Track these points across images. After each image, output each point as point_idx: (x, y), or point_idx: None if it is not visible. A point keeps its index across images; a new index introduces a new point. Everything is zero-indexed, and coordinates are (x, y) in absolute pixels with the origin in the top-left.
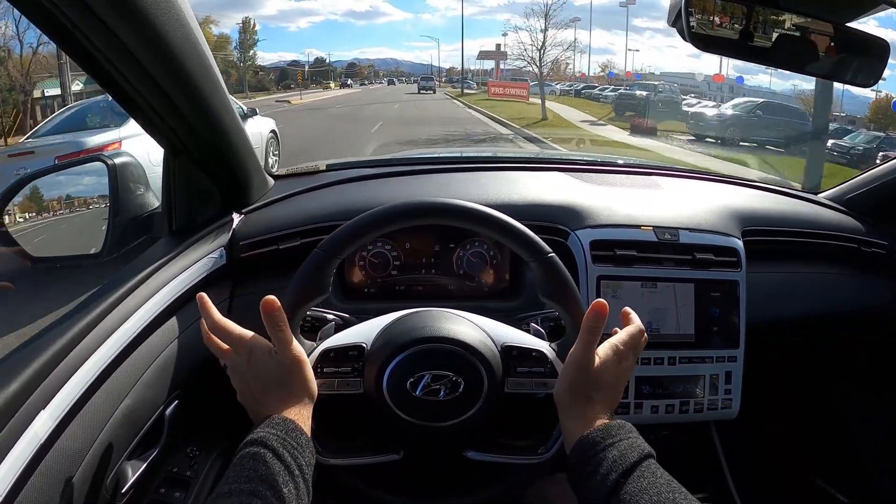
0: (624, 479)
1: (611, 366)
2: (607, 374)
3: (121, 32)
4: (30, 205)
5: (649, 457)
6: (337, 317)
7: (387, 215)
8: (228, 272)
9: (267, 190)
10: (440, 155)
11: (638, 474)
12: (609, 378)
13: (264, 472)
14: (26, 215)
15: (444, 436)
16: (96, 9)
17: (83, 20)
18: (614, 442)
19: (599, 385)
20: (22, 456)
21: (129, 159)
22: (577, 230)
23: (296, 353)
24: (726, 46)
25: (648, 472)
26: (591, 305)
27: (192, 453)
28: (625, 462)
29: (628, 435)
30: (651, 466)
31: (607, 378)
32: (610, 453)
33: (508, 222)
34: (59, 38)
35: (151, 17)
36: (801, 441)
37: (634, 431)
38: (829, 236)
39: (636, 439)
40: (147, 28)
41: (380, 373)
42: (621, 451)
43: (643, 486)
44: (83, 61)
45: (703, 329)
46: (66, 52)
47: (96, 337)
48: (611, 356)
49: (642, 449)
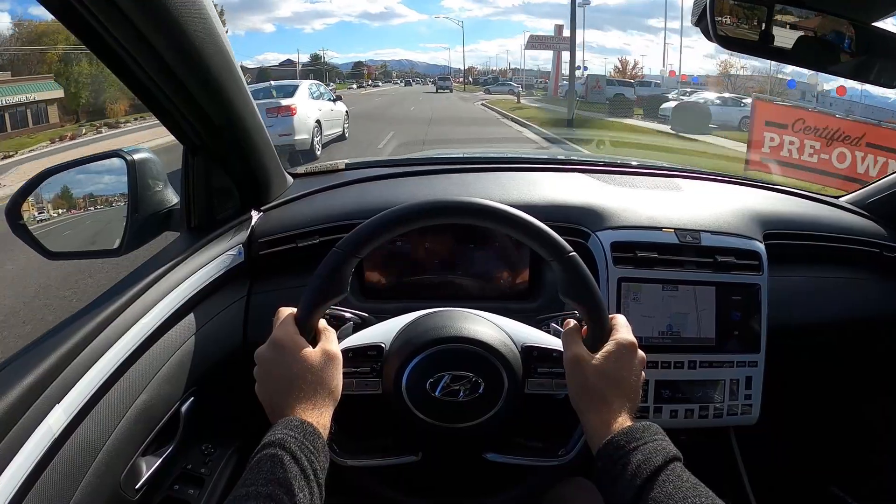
0: (649, 483)
1: (620, 361)
2: (619, 370)
3: (145, 29)
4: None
5: (675, 460)
6: (355, 316)
7: (406, 214)
8: (247, 269)
9: (286, 188)
10: (460, 155)
11: (663, 478)
12: (621, 374)
13: (282, 476)
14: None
15: (463, 437)
16: (121, 4)
17: (107, 16)
18: (639, 445)
19: (613, 383)
20: (36, 449)
21: (148, 155)
22: (597, 231)
23: (332, 348)
24: (749, 45)
25: (674, 475)
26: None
27: (207, 450)
28: (650, 466)
29: (654, 437)
30: (677, 470)
31: (619, 374)
32: (634, 457)
33: (529, 221)
34: (83, 34)
35: (175, 14)
36: (821, 449)
37: (661, 433)
38: (850, 240)
39: (662, 441)
40: (170, 25)
41: (399, 373)
42: (646, 454)
43: (668, 492)
44: (107, 58)
45: (723, 333)
46: (90, 48)
47: (114, 332)
48: (617, 351)
49: (668, 452)
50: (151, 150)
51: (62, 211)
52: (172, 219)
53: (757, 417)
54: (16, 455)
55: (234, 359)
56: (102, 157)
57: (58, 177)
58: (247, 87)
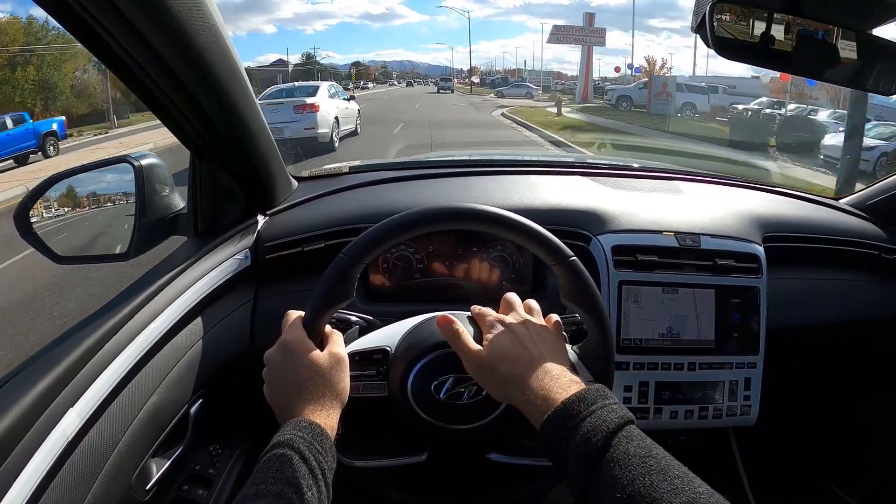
0: (594, 469)
1: (502, 336)
2: (505, 346)
3: (149, 34)
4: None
5: (619, 429)
6: (361, 319)
7: (410, 221)
8: (253, 273)
9: (291, 192)
10: (463, 158)
11: (608, 458)
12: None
13: (290, 475)
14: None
15: (467, 438)
16: (124, 10)
17: (111, 21)
18: (578, 422)
19: (508, 361)
20: (51, 453)
21: (156, 161)
22: (598, 235)
23: (339, 351)
24: (748, 53)
25: (619, 452)
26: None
27: (216, 451)
28: (590, 448)
29: (590, 409)
30: (622, 444)
31: (507, 350)
32: (573, 440)
33: (530, 226)
34: (87, 39)
35: (179, 19)
36: (820, 449)
37: (601, 398)
38: (850, 242)
39: (601, 410)
40: (174, 29)
41: (404, 376)
42: (584, 434)
43: (615, 475)
44: (111, 63)
45: (722, 335)
46: (94, 52)
47: (124, 336)
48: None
49: (609, 423)
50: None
51: (70, 216)
52: (179, 223)
53: (756, 418)
54: (31, 458)
55: (242, 362)
56: (110, 162)
57: (66, 182)
58: (252, 91)
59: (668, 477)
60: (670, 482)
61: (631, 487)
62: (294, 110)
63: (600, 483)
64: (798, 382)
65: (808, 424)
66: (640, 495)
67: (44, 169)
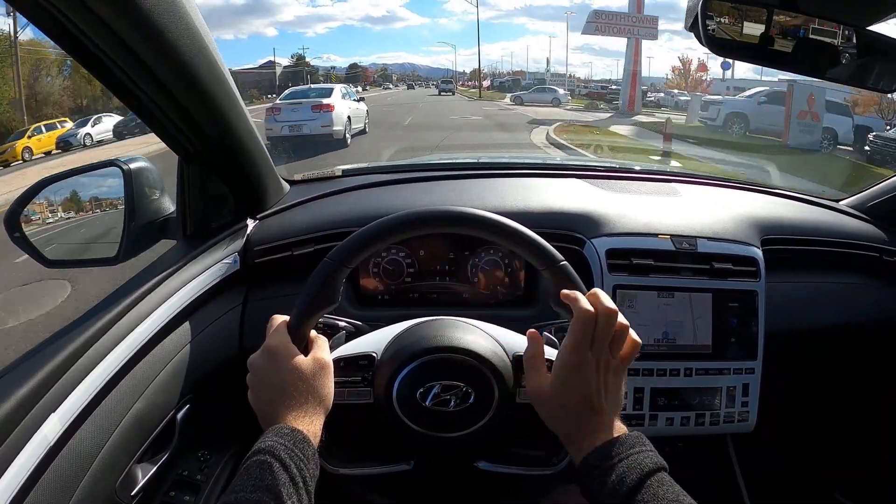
0: (631, 496)
1: (572, 373)
2: (574, 386)
3: (129, 40)
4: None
5: (653, 473)
6: (349, 324)
7: (395, 225)
8: (242, 277)
9: (282, 196)
10: (458, 161)
11: (639, 499)
12: (579, 386)
13: (270, 482)
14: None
15: (454, 446)
16: (104, 16)
17: (91, 27)
18: (614, 463)
19: (570, 401)
20: (31, 458)
21: (145, 164)
22: (593, 238)
23: (324, 357)
24: (745, 51)
25: (649, 494)
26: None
27: (203, 457)
28: (623, 487)
29: (628, 452)
30: (653, 486)
31: (577, 388)
32: (609, 478)
33: (519, 230)
34: (68, 44)
35: (158, 24)
36: (820, 455)
37: (638, 444)
38: (850, 245)
39: (638, 455)
40: (155, 35)
41: (390, 383)
42: (620, 474)
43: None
44: (94, 69)
45: (720, 340)
46: (76, 58)
47: (109, 340)
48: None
49: (643, 467)
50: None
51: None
52: (169, 227)
53: (754, 425)
54: (11, 463)
55: (230, 366)
56: (99, 166)
57: (55, 186)
58: (238, 95)
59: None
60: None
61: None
62: (312, 110)
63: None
64: (798, 387)
65: (808, 430)
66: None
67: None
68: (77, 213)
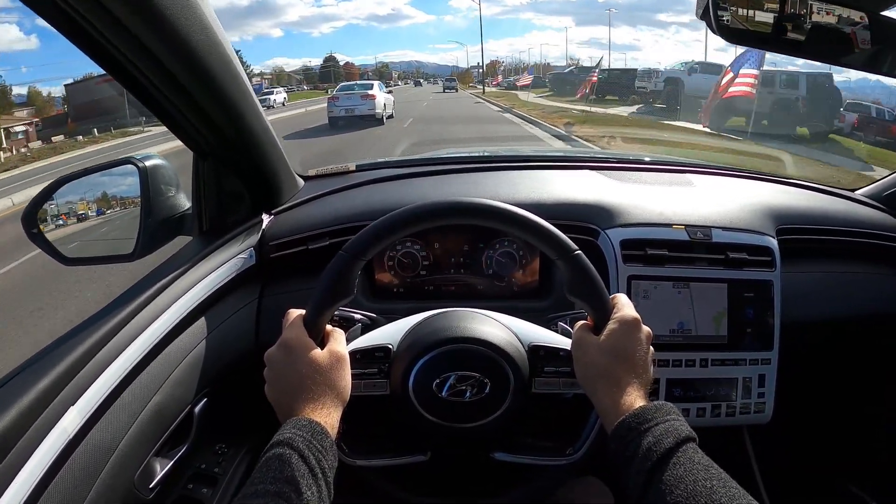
0: (660, 466)
1: (624, 337)
2: (624, 347)
3: (143, 37)
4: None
5: (688, 440)
6: (365, 317)
7: (409, 217)
8: (258, 272)
9: (297, 191)
10: (470, 154)
11: (675, 461)
12: (626, 350)
13: (290, 474)
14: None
15: (470, 437)
16: (117, 13)
17: (105, 25)
18: (650, 427)
19: (619, 360)
20: (51, 450)
21: (160, 161)
22: (607, 229)
23: (340, 349)
24: (757, 39)
25: (685, 457)
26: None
27: (221, 450)
28: (660, 448)
29: (666, 418)
30: (689, 451)
31: (624, 351)
32: (645, 440)
33: (533, 220)
34: (84, 43)
35: (172, 21)
36: (837, 446)
37: (674, 413)
38: (866, 234)
39: (674, 421)
40: (169, 32)
41: (406, 374)
42: (657, 436)
43: (679, 474)
44: (109, 66)
45: (735, 330)
46: (92, 57)
47: (127, 335)
48: (620, 328)
49: (680, 433)
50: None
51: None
52: (185, 223)
53: (770, 416)
54: (31, 456)
55: (247, 360)
56: (115, 164)
57: (72, 184)
58: (252, 92)
59: (727, 485)
60: (728, 489)
61: (693, 487)
62: (360, 98)
63: (663, 481)
64: (814, 378)
65: (824, 421)
66: (699, 495)
67: None
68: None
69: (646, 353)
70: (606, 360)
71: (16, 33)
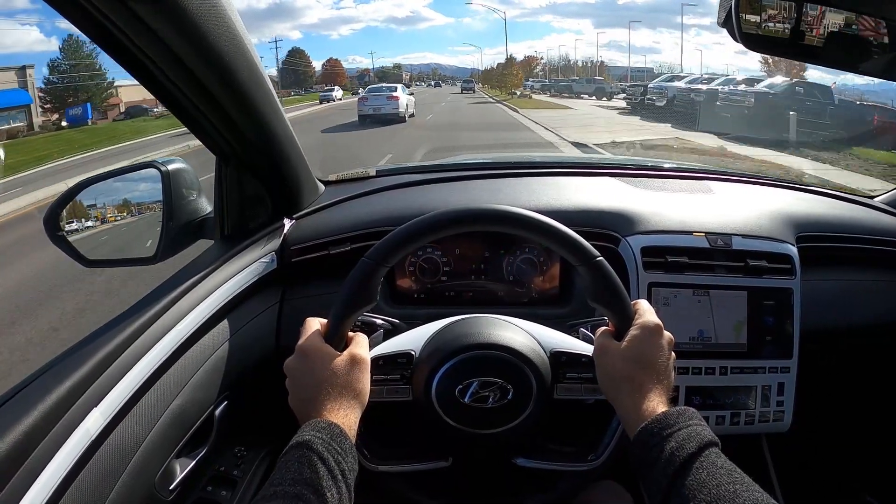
0: (683, 471)
1: (646, 343)
2: (645, 352)
3: (171, 42)
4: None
5: (710, 445)
6: (386, 322)
7: (432, 223)
8: (279, 276)
9: (318, 196)
10: (489, 160)
11: (697, 465)
12: (648, 355)
13: (309, 476)
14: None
15: (492, 443)
16: (145, 18)
17: (133, 29)
18: (673, 432)
19: (641, 365)
20: (73, 452)
21: (183, 165)
22: (627, 236)
23: (359, 353)
24: (777, 46)
25: (708, 462)
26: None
27: (240, 453)
28: (683, 453)
29: (688, 423)
30: (711, 456)
31: (646, 356)
32: (668, 444)
33: (555, 226)
34: (111, 47)
35: (200, 27)
36: (856, 457)
37: (696, 418)
38: (887, 242)
39: (696, 426)
40: (196, 37)
41: (428, 380)
42: (680, 441)
43: (702, 479)
44: (135, 71)
45: (755, 338)
46: (118, 61)
47: (149, 338)
48: (641, 334)
49: (703, 437)
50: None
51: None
52: (206, 227)
53: (789, 425)
54: (54, 456)
55: (267, 364)
56: (138, 167)
57: (94, 187)
58: (276, 98)
59: (751, 490)
60: (752, 493)
61: (716, 491)
62: (386, 99)
63: (686, 485)
64: (833, 387)
65: (843, 431)
66: (723, 499)
67: None
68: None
69: (668, 358)
70: (629, 366)
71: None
